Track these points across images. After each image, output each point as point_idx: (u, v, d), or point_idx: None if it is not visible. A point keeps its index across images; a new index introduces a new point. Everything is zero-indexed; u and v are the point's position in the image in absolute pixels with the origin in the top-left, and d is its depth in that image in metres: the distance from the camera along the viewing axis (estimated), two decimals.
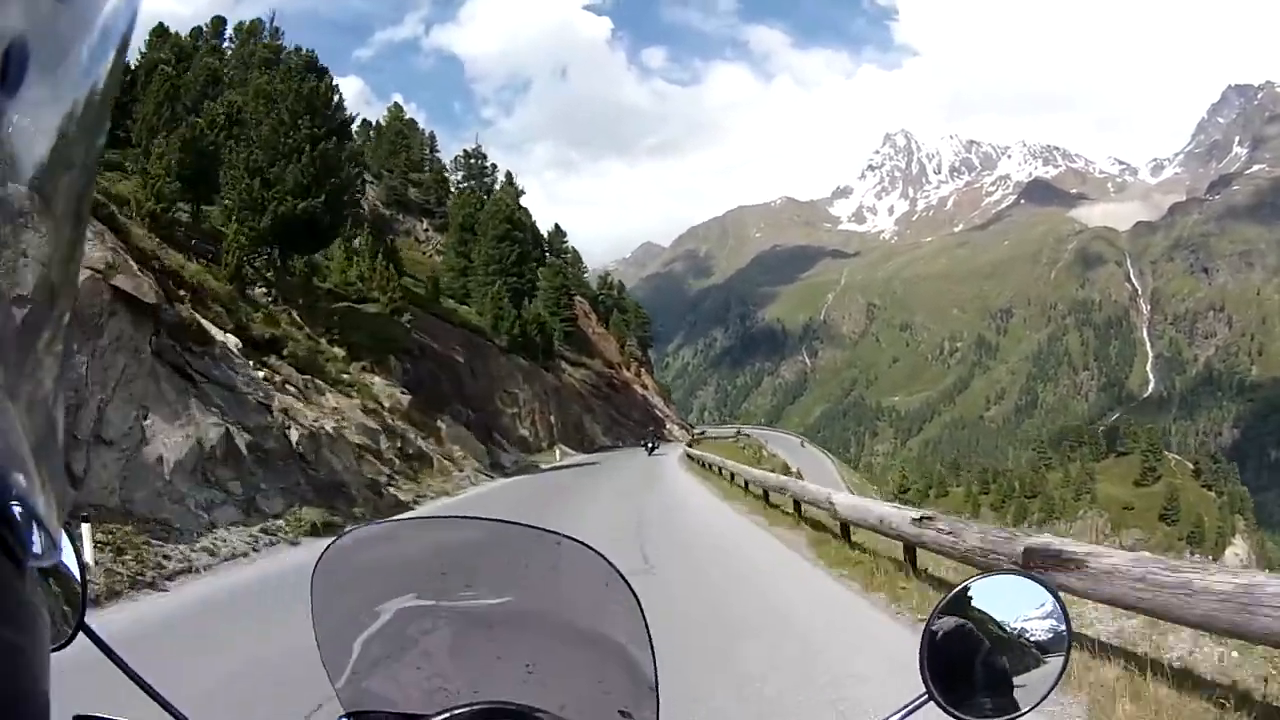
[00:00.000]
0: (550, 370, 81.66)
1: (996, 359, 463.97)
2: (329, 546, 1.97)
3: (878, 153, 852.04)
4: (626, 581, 1.79)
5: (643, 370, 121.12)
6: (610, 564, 1.80)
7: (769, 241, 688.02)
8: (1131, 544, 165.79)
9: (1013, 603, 1.72)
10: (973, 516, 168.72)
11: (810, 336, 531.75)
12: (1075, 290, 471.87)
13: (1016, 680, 1.67)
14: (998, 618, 1.71)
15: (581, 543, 1.83)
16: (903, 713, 1.64)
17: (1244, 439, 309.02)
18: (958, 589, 1.73)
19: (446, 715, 1.82)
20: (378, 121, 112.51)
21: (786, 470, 48.12)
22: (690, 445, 76.99)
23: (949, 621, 1.69)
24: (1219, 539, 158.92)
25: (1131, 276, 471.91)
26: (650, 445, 70.12)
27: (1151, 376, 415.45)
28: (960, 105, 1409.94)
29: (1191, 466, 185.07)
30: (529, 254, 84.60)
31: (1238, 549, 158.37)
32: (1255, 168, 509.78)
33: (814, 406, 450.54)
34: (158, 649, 9.79)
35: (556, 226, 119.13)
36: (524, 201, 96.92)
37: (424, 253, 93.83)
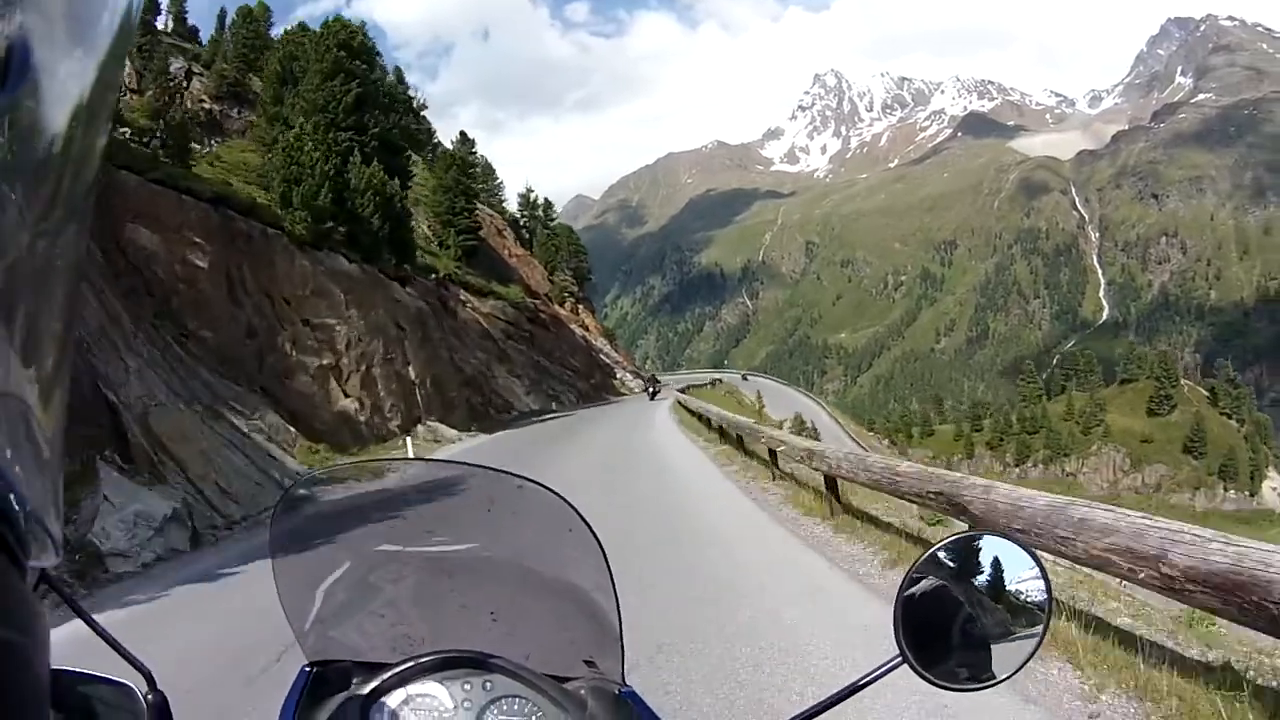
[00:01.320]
0: (409, 285, 47.30)
1: (943, 291, 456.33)
2: (286, 492, 1.95)
3: (808, 93, 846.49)
4: (590, 527, 1.77)
5: (581, 307, 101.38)
6: (574, 508, 1.77)
7: (701, 186, 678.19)
8: (1157, 481, 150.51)
9: (991, 564, 1.65)
10: (966, 457, 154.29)
11: (750, 278, 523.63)
12: (1020, 219, 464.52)
13: (994, 645, 1.62)
14: (975, 580, 1.65)
15: (545, 486, 1.79)
16: (876, 674, 1.58)
17: (1206, 363, 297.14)
18: (933, 548, 1.66)
19: (410, 664, 1.81)
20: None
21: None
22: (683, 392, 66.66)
23: (924, 582, 1.62)
24: (1255, 473, 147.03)
25: (1078, 204, 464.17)
26: (652, 390, 72.39)
27: (1105, 303, 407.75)
28: (891, 44, 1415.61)
29: (1206, 393, 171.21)
30: (374, 98, 52.50)
31: (1275, 483, 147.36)
32: (1201, 96, 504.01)
33: (758, 349, 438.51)
34: None
35: (462, 135, 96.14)
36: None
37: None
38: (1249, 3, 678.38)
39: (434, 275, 56.27)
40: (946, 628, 1.60)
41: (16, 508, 0.71)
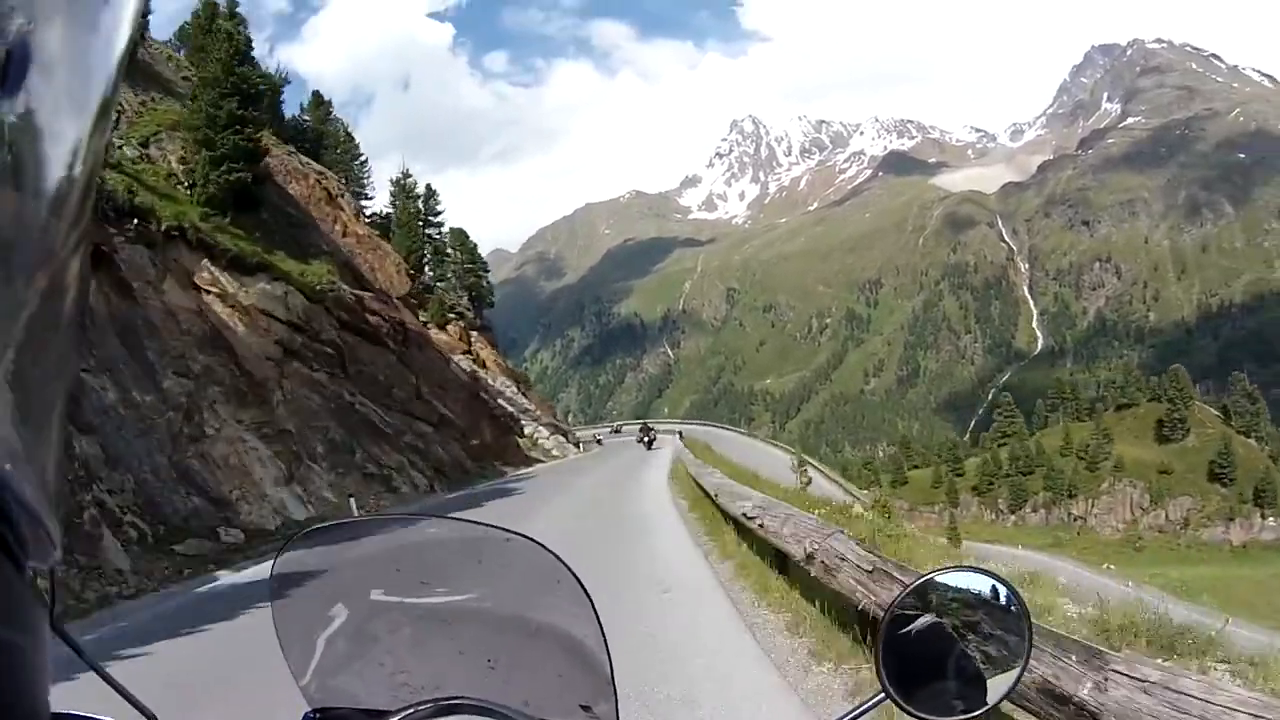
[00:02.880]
0: None
1: (870, 331, 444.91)
2: (285, 545, 2.00)
3: (725, 140, 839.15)
4: (577, 578, 1.81)
5: (476, 335, 76.72)
6: (561, 561, 1.81)
7: (619, 236, 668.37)
8: (1183, 515, 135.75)
9: (970, 598, 1.67)
10: (949, 505, 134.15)
11: (670, 327, 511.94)
12: (946, 255, 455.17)
13: (973, 677, 1.64)
14: (955, 613, 1.67)
15: (533, 540, 1.83)
16: (858, 711, 1.59)
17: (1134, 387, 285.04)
18: (914, 584, 1.70)
19: (410, 711, 1.80)
20: None
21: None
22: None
23: (905, 617, 1.65)
24: None
25: (1005, 236, 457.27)
26: (648, 440, 68.83)
27: (1039, 333, 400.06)
28: (808, 88, 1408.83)
29: (1217, 413, 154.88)
30: None
31: None
32: (1130, 120, 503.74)
33: (682, 398, 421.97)
34: None
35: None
36: None
37: None
38: (1175, 25, 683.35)
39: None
40: (928, 661, 1.63)
41: (16, 508, 0.71)
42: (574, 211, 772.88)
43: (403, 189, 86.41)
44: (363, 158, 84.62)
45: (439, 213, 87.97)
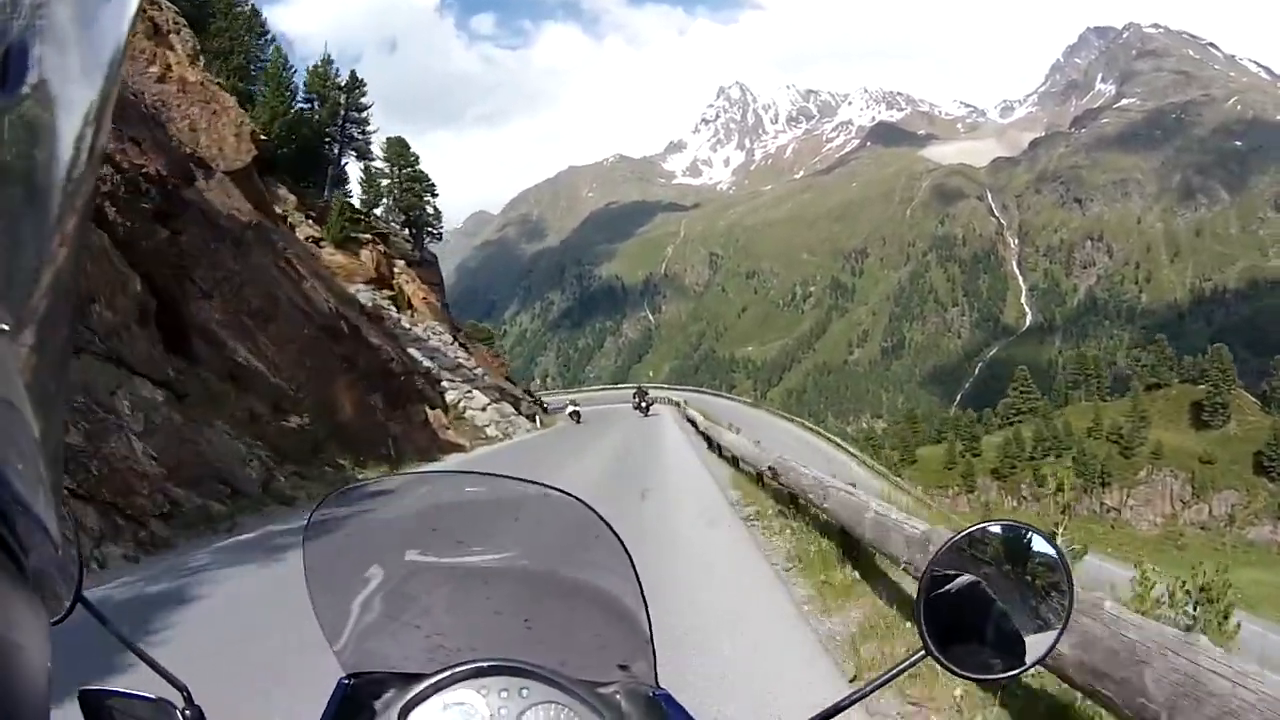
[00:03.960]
0: None
1: (855, 301, 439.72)
2: (318, 506, 1.95)
3: (711, 106, 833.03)
4: (616, 533, 1.79)
5: (400, 267, 63.52)
6: (599, 516, 1.78)
7: (602, 200, 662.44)
8: (1228, 511, 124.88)
9: (1010, 553, 1.65)
10: (964, 491, 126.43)
11: (652, 292, 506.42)
12: (935, 227, 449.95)
13: (1015, 634, 1.61)
14: (995, 569, 1.64)
15: (570, 495, 1.81)
16: (900, 668, 1.59)
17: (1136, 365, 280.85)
18: (953, 539, 1.65)
19: (446, 673, 1.82)
20: None
21: None
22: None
23: (945, 574, 1.61)
24: None
25: (995, 211, 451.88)
26: (645, 405, 66.23)
27: (1028, 308, 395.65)
28: (798, 57, 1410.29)
29: (1255, 399, 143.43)
30: None
31: None
32: (1125, 101, 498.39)
33: (662, 363, 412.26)
34: None
35: None
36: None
37: None
38: (1171, 10, 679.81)
39: None
40: (969, 617, 1.59)
41: (16, 508, 0.71)
42: (557, 174, 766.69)
43: (319, 75, 72.98)
44: (269, 35, 69.12)
45: (365, 107, 74.65)
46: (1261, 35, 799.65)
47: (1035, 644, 1.58)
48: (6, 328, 0.70)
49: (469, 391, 52.88)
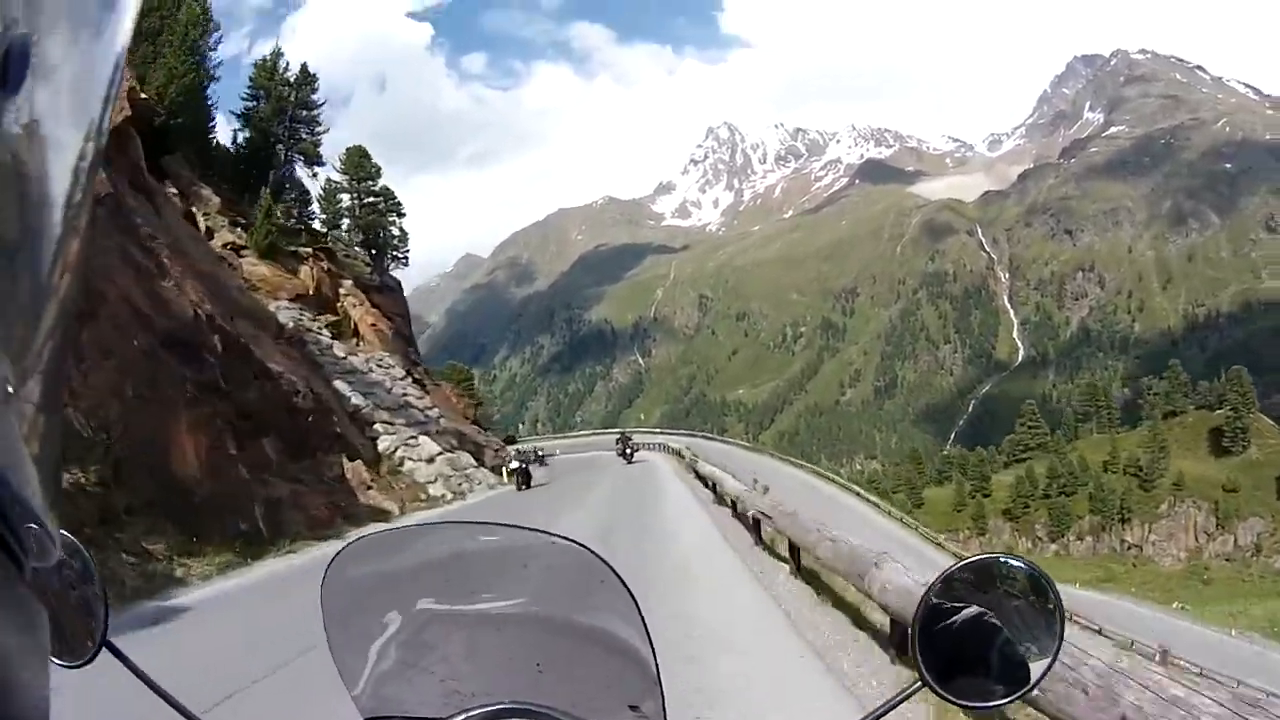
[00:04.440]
0: None
1: (845, 340, 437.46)
2: (336, 556, 1.99)
3: (700, 147, 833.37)
4: (620, 578, 1.81)
5: (347, 288, 55.50)
6: (604, 561, 1.82)
7: (592, 242, 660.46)
8: (1254, 540, 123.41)
9: (1002, 585, 1.70)
10: (976, 534, 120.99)
11: (641, 335, 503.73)
12: (925, 264, 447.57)
13: (1009, 663, 1.64)
14: (988, 601, 1.67)
15: (576, 542, 1.85)
16: (898, 699, 1.62)
17: (1135, 397, 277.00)
18: (946, 572, 1.70)
19: (461, 716, 1.85)
20: None
21: None
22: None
23: (939, 606, 1.66)
24: None
25: (985, 245, 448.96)
26: (629, 451, 62.01)
27: (1020, 343, 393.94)
28: (786, 96, 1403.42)
29: (1273, 422, 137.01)
30: None
31: None
32: (1114, 129, 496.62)
33: (653, 408, 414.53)
34: None
35: None
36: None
37: None
38: (1158, 36, 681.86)
39: None
40: (963, 648, 1.64)
41: (16, 508, 0.71)
42: (546, 216, 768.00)
43: (266, 70, 64.98)
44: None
45: (315, 105, 66.61)
46: (1248, 56, 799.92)
47: (1028, 669, 1.63)
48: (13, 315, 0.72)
49: (413, 438, 43.42)
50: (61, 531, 1.26)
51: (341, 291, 53.42)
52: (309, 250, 51.97)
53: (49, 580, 0.86)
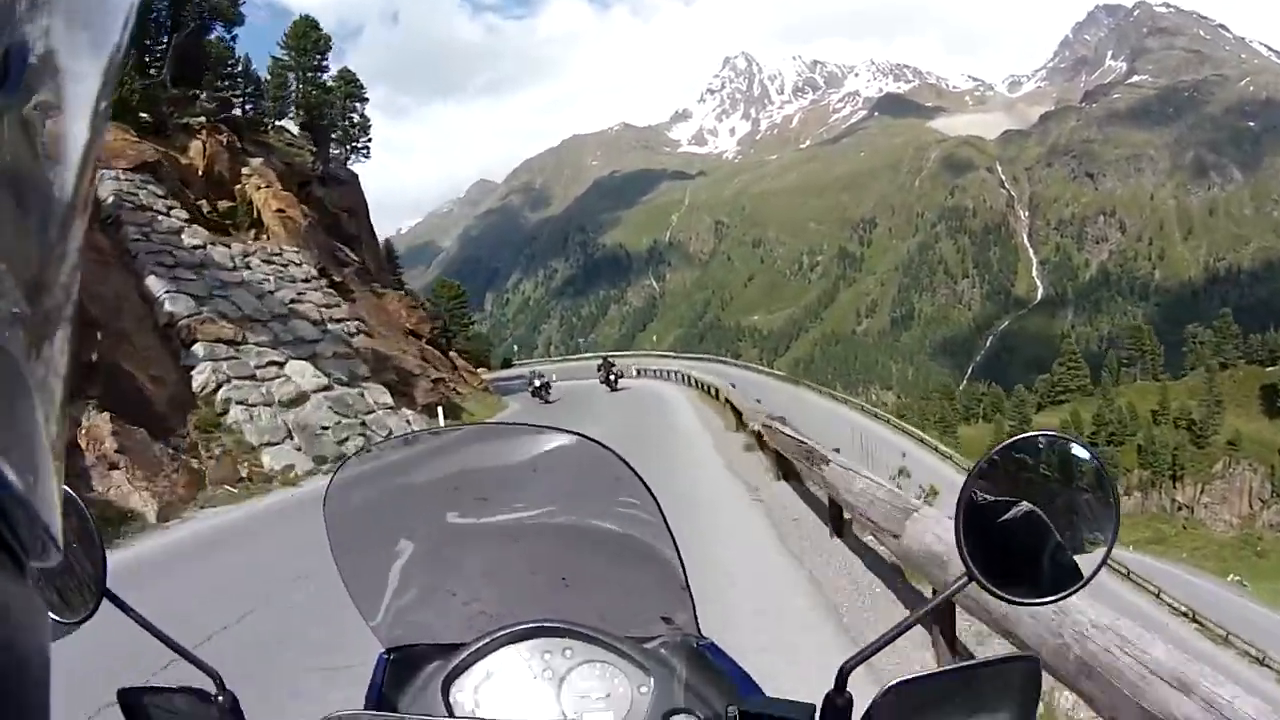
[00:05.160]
0: None
1: (863, 271, 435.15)
2: (333, 478, 1.91)
3: (717, 76, 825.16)
4: (638, 474, 1.74)
5: (251, 169, 44.40)
6: (619, 457, 1.75)
7: (607, 168, 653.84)
8: None
9: (1051, 465, 1.52)
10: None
11: (656, 260, 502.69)
12: (944, 198, 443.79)
13: (1062, 552, 1.49)
14: (1037, 483, 1.51)
15: (587, 438, 1.78)
16: (945, 596, 1.54)
17: (1178, 344, 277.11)
18: (989, 455, 1.51)
19: (486, 640, 1.83)
20: None
21: None
22: None
23: (984, 492, 1.48)
24: None
25: (1005, 183, 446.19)
26: (613, 377, 54.45)
27: (1039, 282, 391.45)
28: (804, 28, 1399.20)
29: None
30: None
31: None
32: (1137, 78, 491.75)
33: (667, 332, 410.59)
34: None
35: None
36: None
37: None
38: None
39: None
40: (1012, 537, 1.46)
41: (16, 508, 0.68)
42: (561, 143, 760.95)
43: None
44: None
45: None
46: (1271, 20, 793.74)
47: (1083, 560, 1.48)
48: (16, 312, 0.69)
49: (273, 365, 29.64)
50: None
51: (245, 173, 43.67)
52: (202, 122, 42.96)
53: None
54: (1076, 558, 1.46)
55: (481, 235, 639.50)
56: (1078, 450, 1.54)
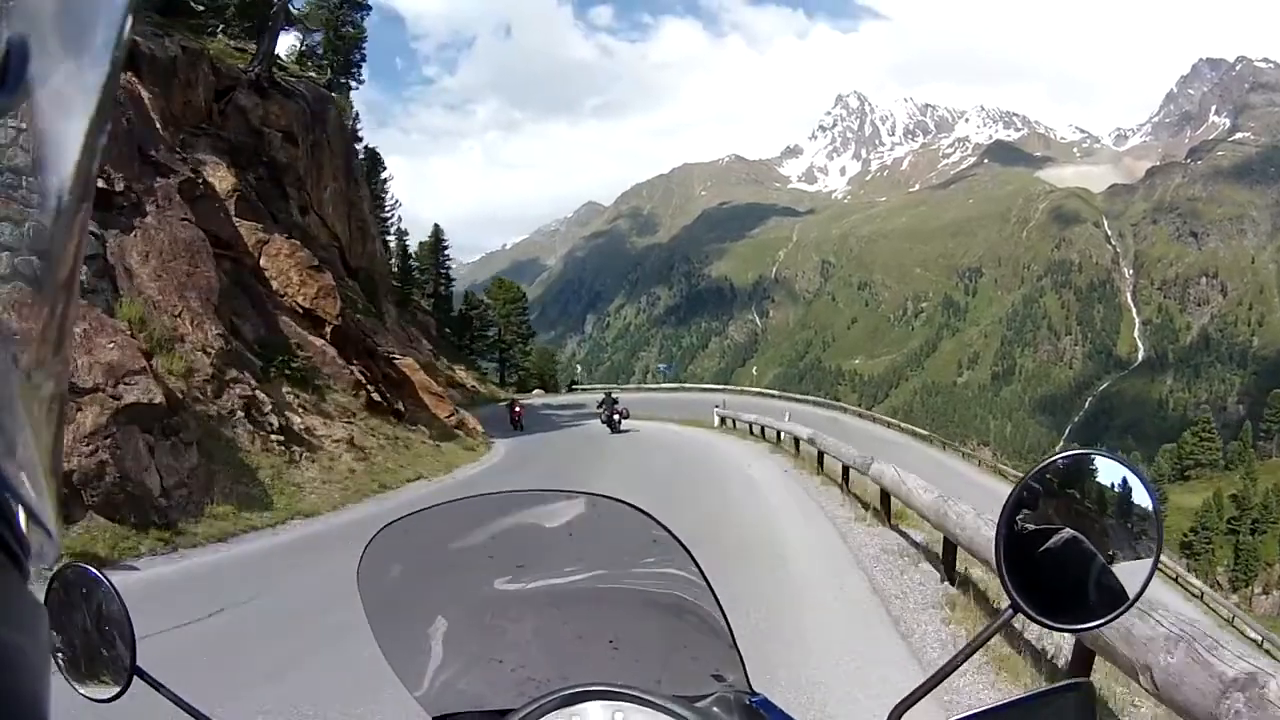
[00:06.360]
0: None
1: (966, 321, 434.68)
2: (367, 548, 1.90)
3: (829, 114, 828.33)
4: (676, 537, 1.74)
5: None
6: (653, 518, 1.74)
7: (715, 199, 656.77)
8: None
9: (1092, 485, 1.49)
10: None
11: (760, 295, 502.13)
12: (1051, 251, 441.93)
13: (1106, 572, 1.46)
14: (1074, 505, 1.48)
15: (618, 500, 1.76)
16: (992, 629, 1.46)
17: (1250, 415, 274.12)
18: (1027, 478, 1.48)
19: (534, 706, 1.75)
20: None
21: None
22: None
23: (1023, 520, 1.47)
24: None
25: (1111, 238, 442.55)
26: (616, 416, 45.60)
27: (1140, 343, 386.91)
28: (915, 70, 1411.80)
29: None
30: None
31: None
32: (1240, 135, 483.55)
33: (767, 369, 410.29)
34: None
35: None
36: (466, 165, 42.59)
37: None
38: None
39: None
40: (1054, 563, 1.45)
41: (16, 508, 0.71)
42: (671, 170, 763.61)
43: None
44: None
45: None
46: None
47: (1127, 577, 1.45)
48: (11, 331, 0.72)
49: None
50: (84, 565, 1.65)
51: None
52: None
53: (75, 617, 1.01)
54: (1120, 575, 1.45)
55: (586, 257, 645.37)
56: (1113, 464, 1.51)
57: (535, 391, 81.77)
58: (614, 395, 49.87)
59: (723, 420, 47.76)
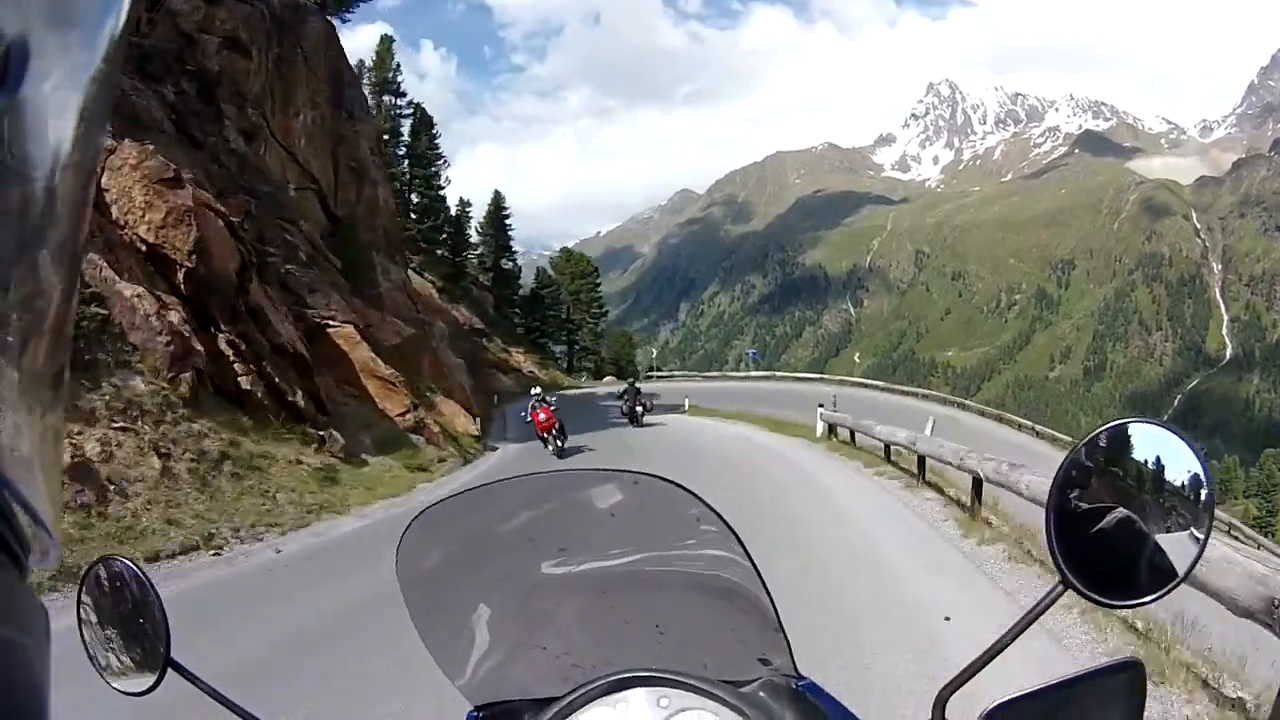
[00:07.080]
0: None
1: (1059, 314, 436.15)
2: (405, 533, 1.87)
3: (921, 102, 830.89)
4: (720, 516, 1.71)
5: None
6: (696, 496, 1.71)
7: (809, 187, 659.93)
8: None
9: (1143, 456, 1.41)
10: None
11: (855, 284, 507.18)
12: (1141, 243, 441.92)
13: (1156, 548, 1.40)
14: (1129, 476, 1.40)
15: (659, 477, 1.74)
16: (1041, 606, 1.42)
17: None
18: (1079, 446, 1.42)
19: (580, 692, 1.78)
20: None
21: None
22: None
23: (1074, 487, 1.40)
24: None
25: (1200, 232, 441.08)
26: (641, 408, 40.89)
27: (1228, 340, 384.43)
28: (1004, 59, 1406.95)
29: None
30: None
31: None
32: None
33: (861, 359, 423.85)
34: None
35: None
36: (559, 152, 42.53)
37: None
38: None
39: None
40: (1104, 538, 1.39)
41: (16, 508, 0.73)
42: (765, 158, 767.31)
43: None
44: None
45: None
46: None
47: (1176, 552, 1.38)
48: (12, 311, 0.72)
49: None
50: (122, 558, 1.66)
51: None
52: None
53: (109, 610, 1.02)
54: (1169, 550, 1.39)
55: (680, 244, 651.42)
56: (1166, 434, 1.42)
57: (606, 379, 76.11)
58: (638, 386, 45.63)
59: (831, 429, 31.44)
